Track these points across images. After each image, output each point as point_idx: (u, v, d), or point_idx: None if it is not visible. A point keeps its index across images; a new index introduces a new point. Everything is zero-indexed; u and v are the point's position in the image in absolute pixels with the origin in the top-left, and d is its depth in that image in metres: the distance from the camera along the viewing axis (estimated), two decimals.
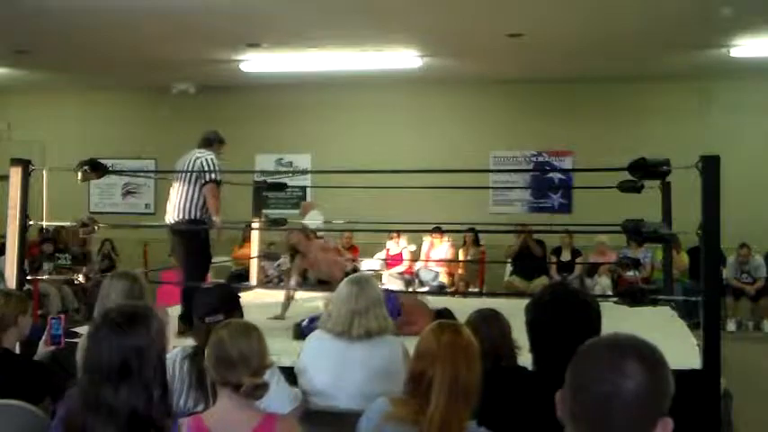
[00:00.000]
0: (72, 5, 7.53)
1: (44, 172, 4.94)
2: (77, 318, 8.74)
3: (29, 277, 5.38)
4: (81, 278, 5.74)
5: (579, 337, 1.75)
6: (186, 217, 5.41)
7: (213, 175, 5.41)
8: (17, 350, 3.47)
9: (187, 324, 4.22)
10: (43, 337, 3.49)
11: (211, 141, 5.67)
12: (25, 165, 4.76)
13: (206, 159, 5.45)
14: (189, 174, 5.41)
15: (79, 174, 4.92)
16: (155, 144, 11.43)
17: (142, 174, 11.20)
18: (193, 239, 5.44)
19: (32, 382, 3.10)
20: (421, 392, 2.20)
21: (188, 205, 5.42)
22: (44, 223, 5.21)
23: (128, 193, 12.61)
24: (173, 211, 5.48)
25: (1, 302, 3.32)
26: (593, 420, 1.37)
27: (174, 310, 4.98)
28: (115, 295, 3.22)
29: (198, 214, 5.42)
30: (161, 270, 7.53)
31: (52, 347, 3.46)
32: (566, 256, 10.14)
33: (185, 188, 5.45)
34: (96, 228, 5.20)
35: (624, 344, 1.40)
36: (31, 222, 4.87)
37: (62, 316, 3.68)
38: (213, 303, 3.00)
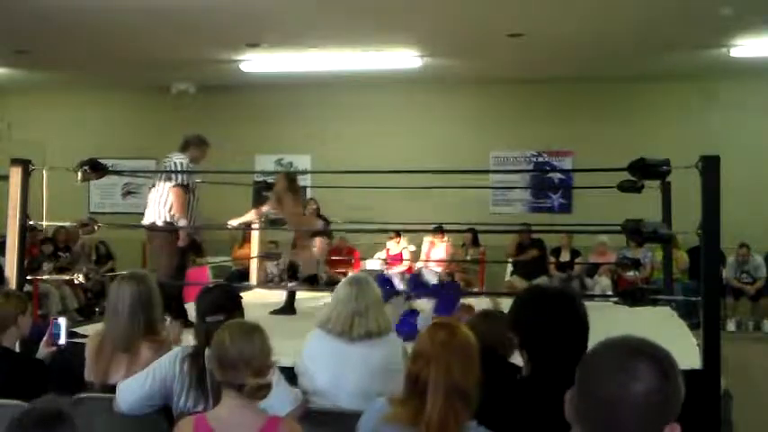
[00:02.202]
0: (72, 5, 7.53)
1: (44, 172, 4.94)
2: (78, 318, 8.73)
3: (29, 277, 5.37)
4: (81, 278, 5.73)
5: (567, 333, 1.74)
6: (158, 219, 5.45)
7: (180, 179, 5.44)
8: (17, 350, 3.47)
9: None
10: (44, 338, 3.48)
11: (188, 144, 5.69)
12: (25, 165, 4.76)
13: (174, 162, 5.50)
14: (162, 177, 5.47)
15: (79, 174, 4.92)
16: (155, 144, 11.41)
17: (142, 174, 11.16)
18: (165, 242, 5.48)
19: (32, 379, 3.10)
20: (418, 394, 2.18)
21: (159, 208, 5.45)
22: (44, 223, 5.21)
23: (128, 193, 12.60)
24: (147, 214, 5.55)
25: (1, 302, 3.32)
26: (600, 422, 1.36)
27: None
28: (123, 301, 3.21)
29: (168, 217, 5.46)
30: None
31: (53, 348, 3.45)
32: (565, 257, 10.13)
33: (157, 191, 5.50)
34: (96, 227, 5.20)
35: (636, 346, 1.38)
36: (30, 222, 4.87)
37: (65, 318, 3.67)
38: (214, 303, 2.99)
